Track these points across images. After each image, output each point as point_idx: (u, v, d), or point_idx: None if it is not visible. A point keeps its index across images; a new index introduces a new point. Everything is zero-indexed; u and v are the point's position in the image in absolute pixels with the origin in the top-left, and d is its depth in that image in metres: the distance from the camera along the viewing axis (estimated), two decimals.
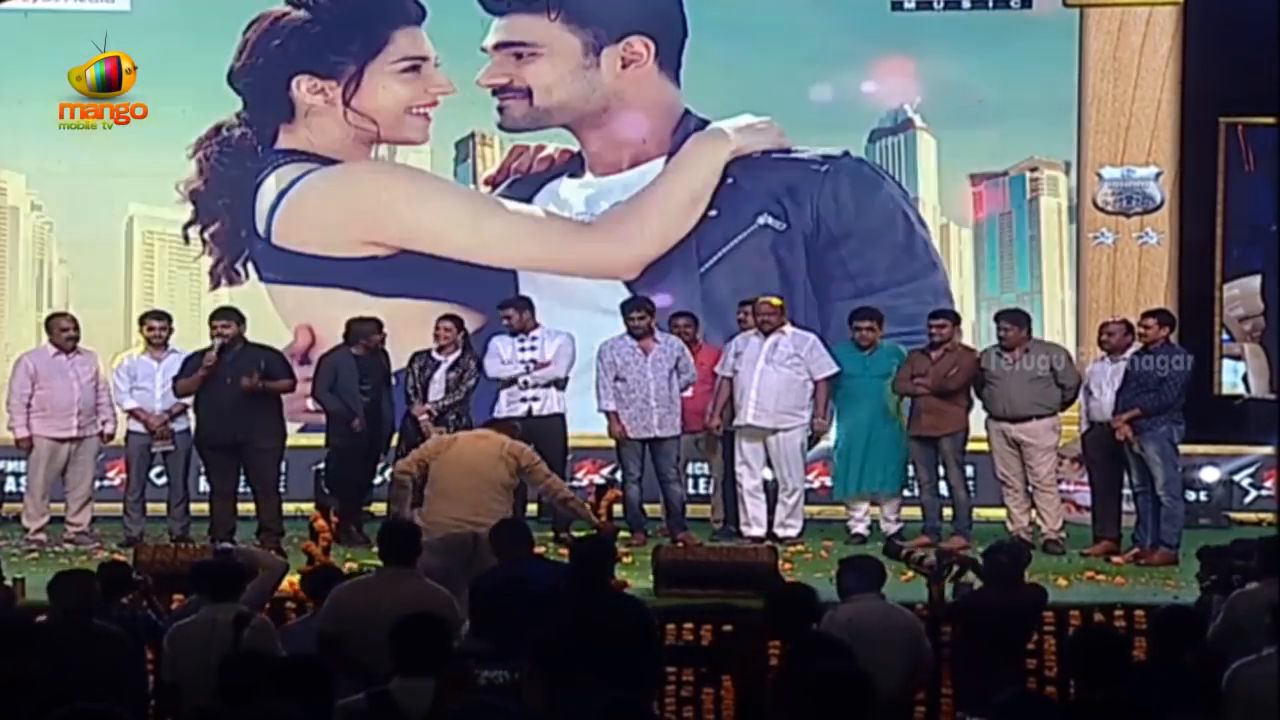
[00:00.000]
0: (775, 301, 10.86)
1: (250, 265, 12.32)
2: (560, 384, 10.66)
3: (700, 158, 12.24)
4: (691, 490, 11.55)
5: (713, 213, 12.22)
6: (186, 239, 12.33)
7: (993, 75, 12.30)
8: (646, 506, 10.66)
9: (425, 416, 10.47)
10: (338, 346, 10.76)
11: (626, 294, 11.73)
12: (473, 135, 12.34)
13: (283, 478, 10.52)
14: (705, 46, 12.25)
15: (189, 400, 10.42)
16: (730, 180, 12.21)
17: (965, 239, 12.48)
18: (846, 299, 11.78)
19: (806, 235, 12.18)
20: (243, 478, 10.23)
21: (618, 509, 10.00)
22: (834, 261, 12.20)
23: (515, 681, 5.94)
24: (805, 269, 12.17)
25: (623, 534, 9.83)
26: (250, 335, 10.35)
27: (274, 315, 12.07)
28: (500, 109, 12.25)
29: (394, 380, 10.84)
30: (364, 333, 10.67)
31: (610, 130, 12.34)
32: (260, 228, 12.27)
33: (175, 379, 10.30)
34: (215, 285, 12.28)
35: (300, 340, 12.10)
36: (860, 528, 10.69)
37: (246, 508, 10.21)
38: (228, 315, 10.32)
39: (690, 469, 11.56)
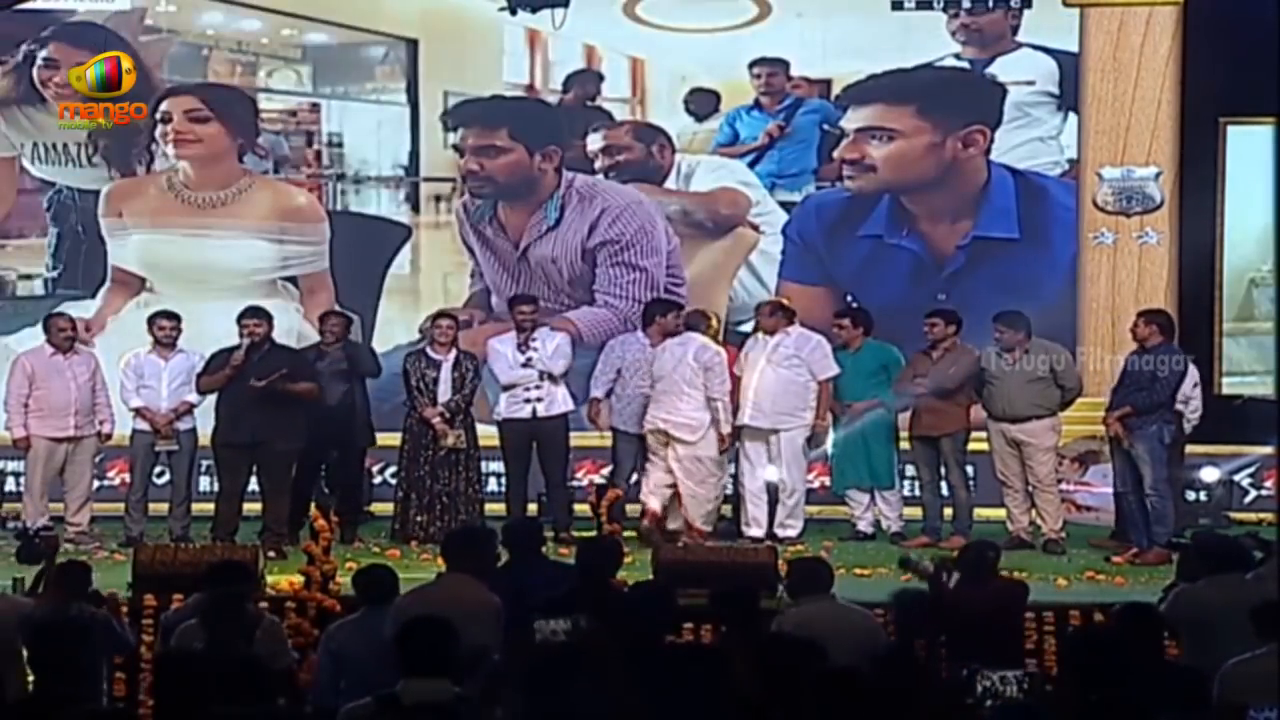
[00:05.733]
0: (781, 301, 10.88)
1: None
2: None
3: None
4: None
5: None
6: None
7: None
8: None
9: (438, 419, 10.44)
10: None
11: None
12: None
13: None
14: None
15: (195, 400, 10.42)
16: None
17: None
18: None
19: None
20: (253, 479, 10.23)
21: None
22: None
23: (576, 633, 5.91)
24: None
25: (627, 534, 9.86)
26: None
27: None
28: None
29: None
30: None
31: None
32: None
33: (199, 375, 10.30)
34: None
35: None
36: (863, 525, 10.69)
37: (250, 508, 10.24)
38: (258, 315, 10.28)
39: None
